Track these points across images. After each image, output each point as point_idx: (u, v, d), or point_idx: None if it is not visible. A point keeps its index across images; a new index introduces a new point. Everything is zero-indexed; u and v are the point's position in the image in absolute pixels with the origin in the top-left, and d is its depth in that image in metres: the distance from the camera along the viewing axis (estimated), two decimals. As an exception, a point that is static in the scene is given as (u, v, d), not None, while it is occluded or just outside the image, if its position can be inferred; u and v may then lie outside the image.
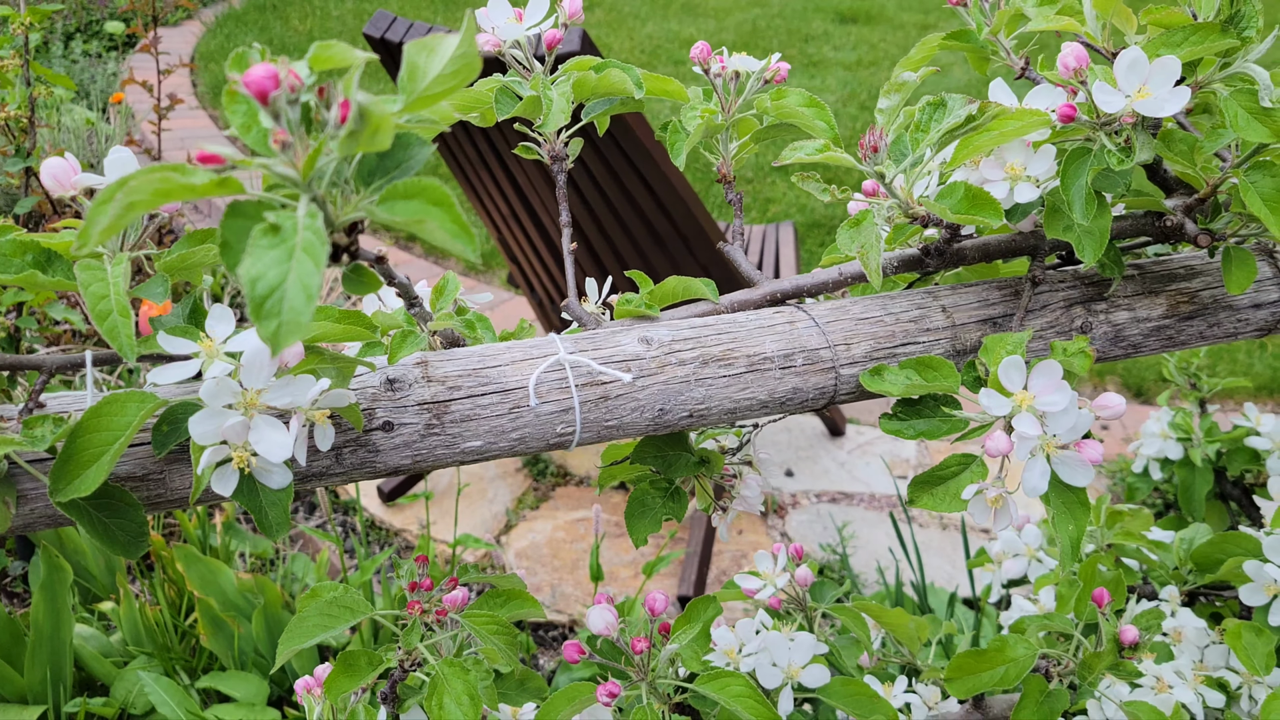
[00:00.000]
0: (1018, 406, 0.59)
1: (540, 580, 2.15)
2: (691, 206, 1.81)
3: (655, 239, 1.93)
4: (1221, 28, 0.59)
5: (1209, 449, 1.14)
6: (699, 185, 4.07)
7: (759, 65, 0.69)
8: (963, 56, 0.76)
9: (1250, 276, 0.68)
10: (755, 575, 0.90)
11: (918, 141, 0.57)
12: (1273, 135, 0.59)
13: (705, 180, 4.06)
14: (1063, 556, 0.61)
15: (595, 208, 1.92)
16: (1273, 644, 0.86)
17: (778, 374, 0.65)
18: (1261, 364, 2.98)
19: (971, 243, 0.69)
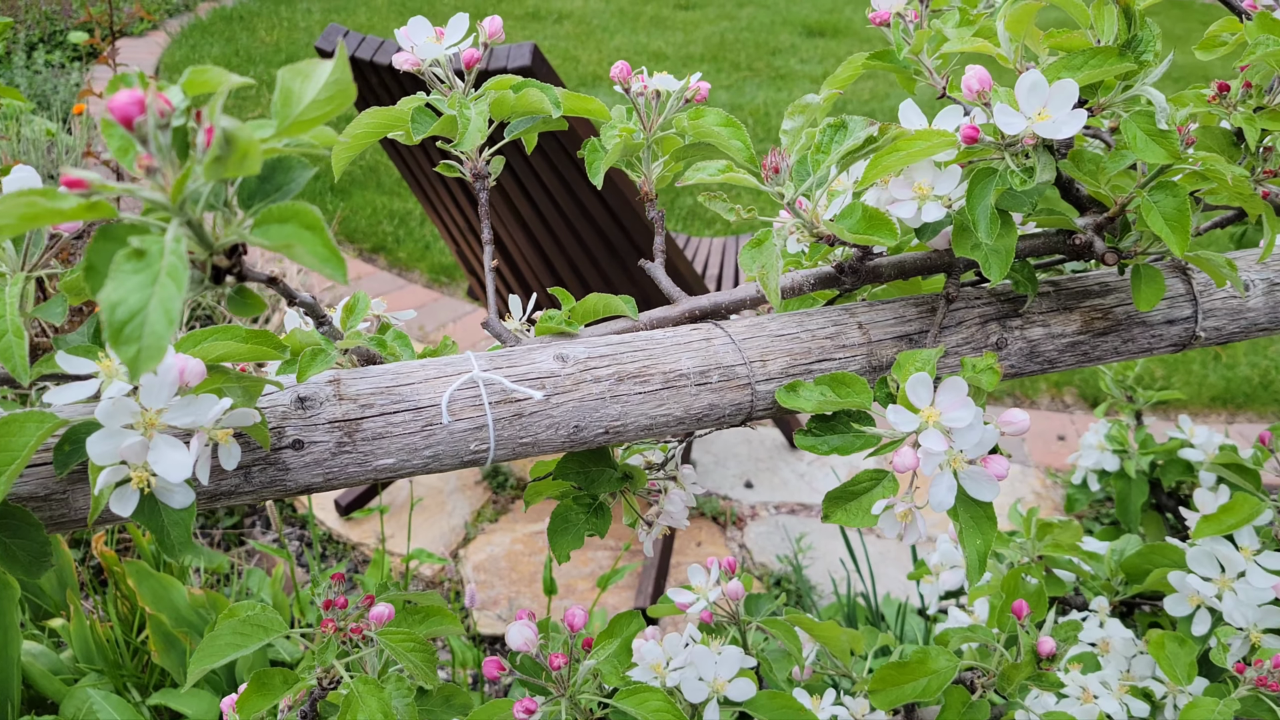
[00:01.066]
0: (925, 423, 0.60)
1: (498, 593, 2.15)
2: (644, 219, 1.82)
3: (610, 251, 1.93)
4: (1120, 51, 0.60)
5: (1143, 461, 1.16)
6: (662, 197, 4.08)
7: (679, 85, 0.70)
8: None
9: (1159, 293, 0.70)
10: (689, 589, 0.91)
11: (819, 163, 0.58)
12: (1170, 156, 0.60)
13: (670, 192, 4.08)
14: (969, 570, 0.62)
15: (550, 221, 1.93)
16: (1195, 654, 0.88)
17: (694, 390, 0.65)
18: (1215, 375, 3.02)
19: (887, 260, 0.70)
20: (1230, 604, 0.88)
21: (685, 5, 7.23)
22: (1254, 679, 0.82)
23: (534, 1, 7.05)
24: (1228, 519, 0.89)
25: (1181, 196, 0.63)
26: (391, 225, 3.75)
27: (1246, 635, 0.88)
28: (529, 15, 6.75)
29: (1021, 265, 0.72)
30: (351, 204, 3.90)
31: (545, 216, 1.92)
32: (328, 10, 6.54)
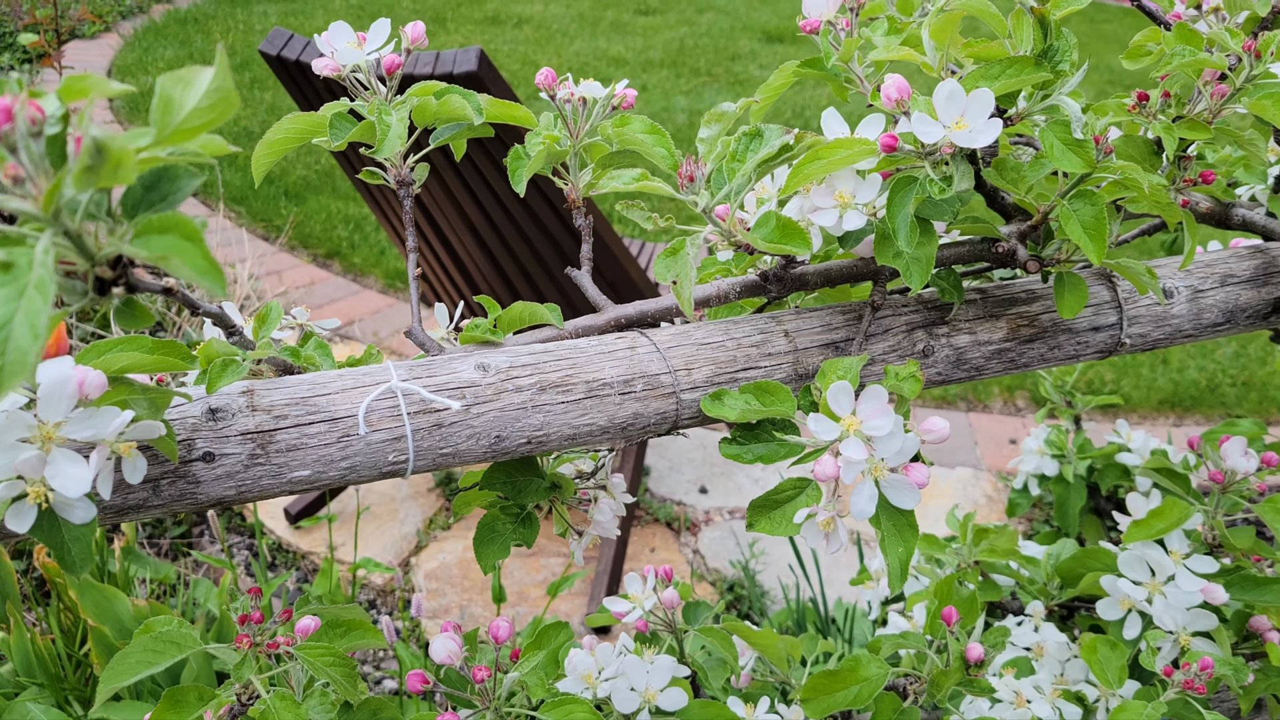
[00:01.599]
0: (846, 431, 0.60)
1: (449, 601, 2.13)
2: (597, 226, 1.81)
3: (563, 258, 1.92)
4: (1036, 61, 0.61)
5: (1081, 465, 1.17)
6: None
7: (605, 92, 0.70)
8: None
9: (1081, 301, 0.70)
10: (626, 598, 0.90)
11: (733, 171, 0.58)
12: (1085, 165, 0.61)
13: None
14: (891, 578, 0.62)
15: (501, 227, 1.92)
16: (1126, 657, 0.88)
17: (617, 400, 0.65)
18: (1163, 378, 3.06)
19: (813, 268, 0.70)
20: (1160, 607, 0.89)
21: (645, 10, 7.24)
22: (1181, 682, 0.83)
23: (494, 6, 7.03)
24: (1157, 523, 0.89)
25: (1099, 205, 0.63)
26: (346, 230, 3.71)
27: (1176, 638, 0.89)
28: (488, 20, 6.73)
29: (947, 273, 0.72)
30: (306, 209, 3.86)
31: (496, 223, 1.91)
32: (285, 14, 6.49)
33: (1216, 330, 0.81)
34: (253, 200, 3.86)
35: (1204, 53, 0.67)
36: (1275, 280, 0.83)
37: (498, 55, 5.96)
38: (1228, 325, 0.81)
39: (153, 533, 2.35)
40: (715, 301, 0.69)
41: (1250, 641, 0.96)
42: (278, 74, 1.85)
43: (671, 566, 0.91)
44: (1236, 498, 0.91)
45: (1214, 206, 0.82)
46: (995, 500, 2.49)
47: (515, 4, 7.15)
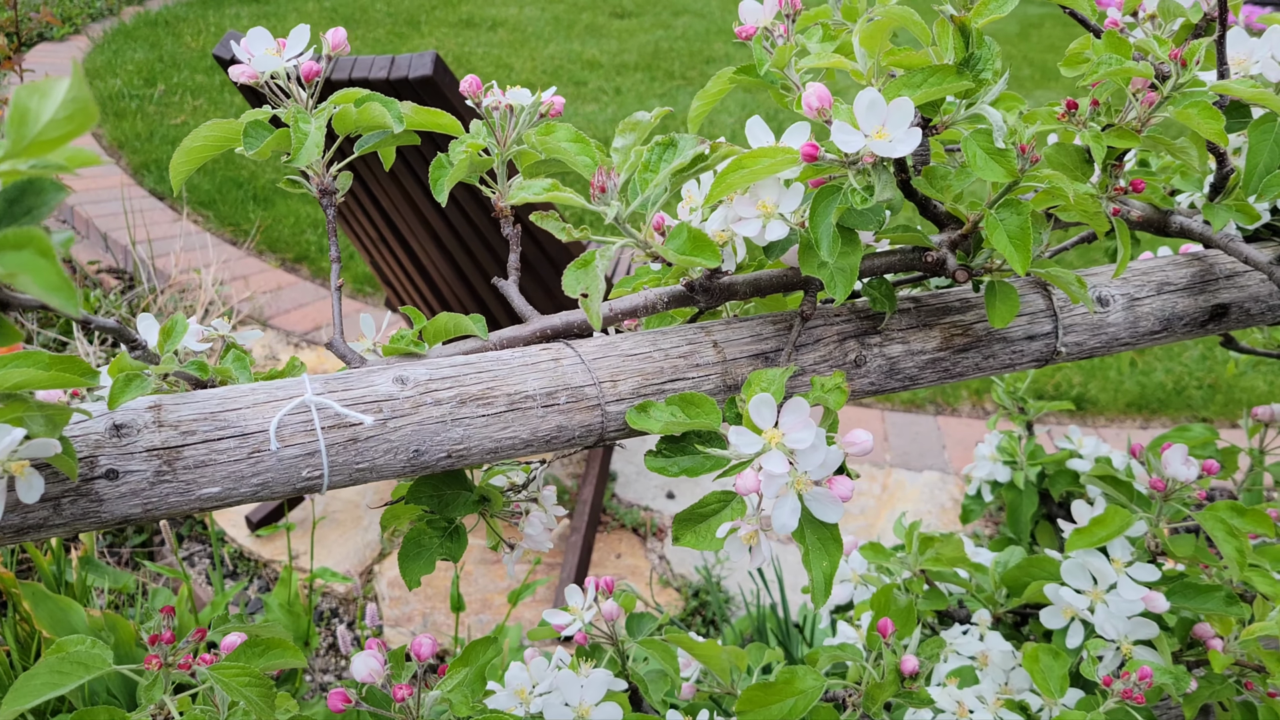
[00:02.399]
0: (768, 444, 0.60)
1: (412, 610, 2.11)
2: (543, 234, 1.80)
3: (523, 263, 1.91)
4: (957, 70, 0.60)
5: (1032, 472, 1.17)
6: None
7: (531, 99, 0.69)
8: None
9: (1013, 310, 0.70)
10: (566, 611, 0.89)
11: (646, 181, 0.57)
12: (1008, 174, 0.60)
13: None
14: (815, 592, 0.61)
15: (463, 234, 1.91)
16: (1068, 666, 0.88)
17: (540, 412, 0.64)
18: (1131, 381, 3.08)
19: (742, 278, 0.69)
20: (1102, 616, 0.89)
21: (621, 13, 7.23)
22: (1120, 691, 0.82)
23: (468, 9, 7.01)
24: (1099, 531, 0.89)
25: (1025, 214, 0.63)
26: (315, 235, 3.69)
27: (1118, 647, 0.89)
28: (462, 23, 6.71)
29: (879, 282, 0.72)
30: (275, 213, 3.83)
31: (456, 228, 1.90)
32: (256, 16, 6.44)
33: (1154, 338, 0.81)
34: (221, 204, 3.83)
35: (1131, 61, 0.66)
36: (1212, 288, 0.82)
37: (471, 58, 5.94)
38: (1165, 333, 0.81)
39: (113, 542, 2.32)
40: (642, 312, 0.68)
41: (1195, 649, 0.96)
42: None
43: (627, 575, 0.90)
44: (1179, 505, 0.91)
45: (1152, 214, 0.82)
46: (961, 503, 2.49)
47: (490, 7, 7.13)
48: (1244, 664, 0.92)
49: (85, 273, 3.31)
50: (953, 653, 0.96)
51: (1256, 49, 0.82)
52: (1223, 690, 0.94)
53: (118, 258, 3.40)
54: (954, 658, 0.96)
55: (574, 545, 2.13)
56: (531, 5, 7.25)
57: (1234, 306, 0.83)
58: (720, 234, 0.64)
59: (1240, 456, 1.30)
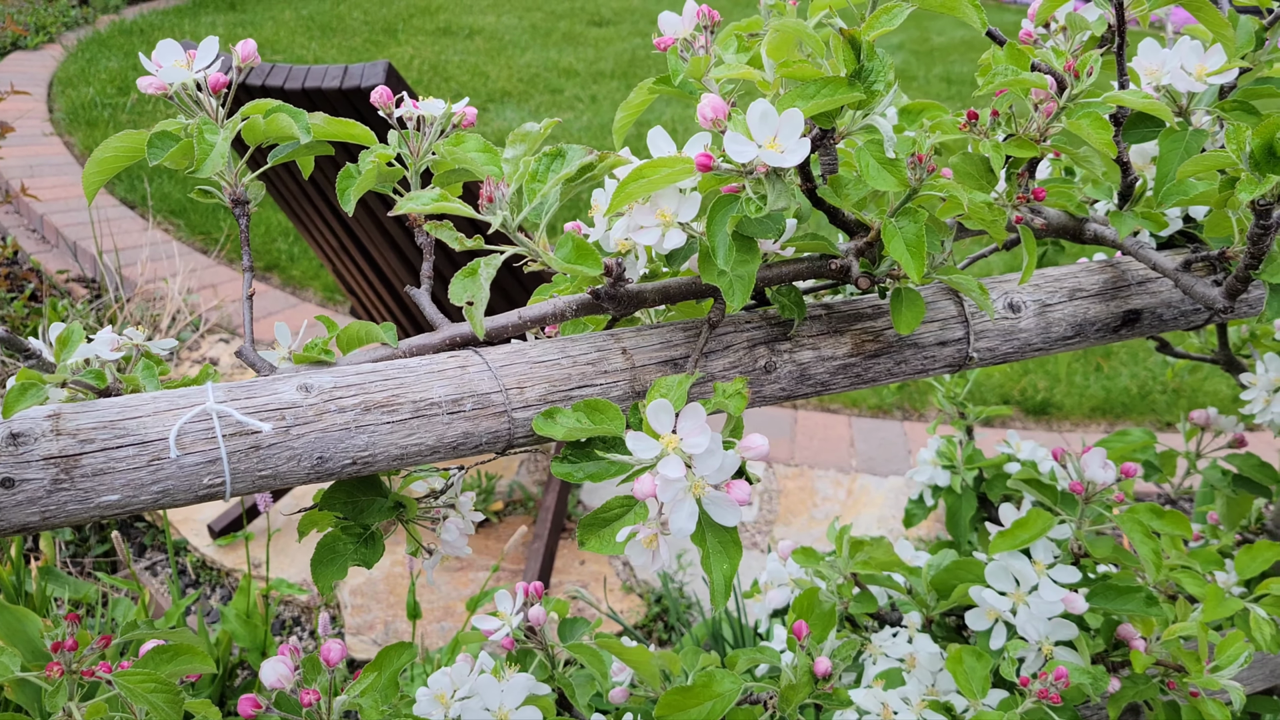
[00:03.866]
0: (665, 449, 0.60)
1: (374, 617, 2.11)
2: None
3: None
4: (849, 81, 0.61)
5: (969, 476, 1.18)
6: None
7: (442, 109, 0.70)
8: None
9: (918, 316, 0.71)
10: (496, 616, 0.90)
11: (534, 192, 0.58)
12: (898, 184, 0.61)
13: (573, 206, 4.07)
14: (714, 595, 0.62)
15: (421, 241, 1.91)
16: (990, 667, 0.89)
17: (446, 419, 0.65)
18: (1096, 386, 3.10)
19: (651, 285, 0.70)
20: (1024, 617, 0.90)
21: (598, 22, 7.25)
22: (1037, 691, 0.83)
23: (446, 17, 7.02)
24: (1021, 534, 0.90)
25: (920, 223, 0.64)
26: (286, 242, 3.69)
27: (1039, 648, 0.90)
28: (440, 31, 6.72)
29: (788, 290, 0.73)
30: (246, 221, 3.82)
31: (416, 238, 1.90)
32: (232, 24, 6.44)
33: (1066, 344, 0.82)
34: (191, 213, 3.82)
35: (1027, 72, 0.68)
36: (1124, 294, 0.84)
37: (448, 66, 5.95)
38: (1077, 339, 0.83)
39: (75, 552, 2.31)
40: (551, 319, 0.69)
41: (1121, 650, 0.97)
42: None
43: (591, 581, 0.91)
44: (1100, 508, 0.92)
45: (1068, 222, 0.83)
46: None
47: (468, 15, 7.14)
48: (1165, 664, 0.93)
49: (54, 282, 3.30)
50: (881, 655, 0.97)
51: (1168, 59, 0.83)
52: (1146, 690, 0.95)
53: (85, 267, 3.39)
54: (883, 660, 0.97)
55: (536, 552, 2.13)
56: (509, 13, 7.27)
57: (1146, 312, 0.84)
58: (622, 242, 0.65)
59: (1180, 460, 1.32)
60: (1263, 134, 0.62)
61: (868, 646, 0.98)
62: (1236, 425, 1.25)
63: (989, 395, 3.03)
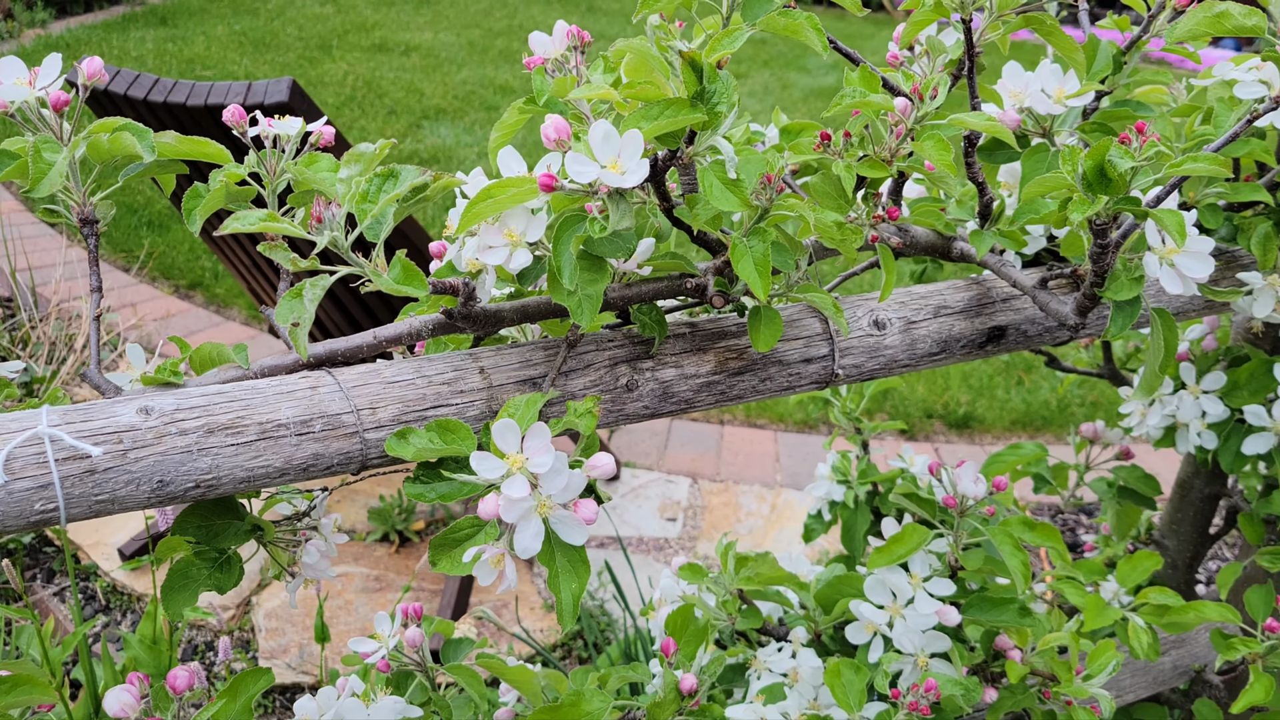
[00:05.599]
0: (510, 469, 0.60)
1: (289, 641, 2.08)
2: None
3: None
4: (691, 103, 0.62)
5: (862, 490, 1.19)
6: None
7: (297, 128, 0.69)
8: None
9: (776, 334, 0.72)
10: (374, 638, 0.89)
11: (365, 212, 0.58)
12: (741, 204, 0.62)
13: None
14: (562, 614, 0.62)
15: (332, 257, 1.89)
16: (868, 680, 0.90)
17: (294, 441, 0.64)
18: (1017, 399, 3.15)
19: (509, 305, 0.70)
20: (900, 630, 0.91)
21: (535, 39, 7.25)
22: (908, 704, 0.84)
23: (381, 34, 6.98)
24: (898, 548, 0.92)
25: (767, 242, 0.65)
26: (210, 260, 3.63)
27: (915, 660, 0.91)
28: (375, 47, 6.68)
29: (649, 308, 0.73)
30: (170, 239, 3.77)
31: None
32: (162, 40, 6.35)
33: (932, 360, 0.84)
34: (112, 230, 3.75)
35: (874, 95, 0.69)
36: (989, 310, 0.85)
37: (383, 83, 5.92)
38: (943, 355, 0.84)
39: (-20, 578, 2.25)
40: (407, 339, 0.68)
41: (1001, 660, 0.99)
42: (91, 106, 1.80)
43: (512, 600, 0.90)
44: (975, 522, 0.94)
45: (936, 240, 0.85)
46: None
47: (404, 31, 7.11)
48: (1040, 674, 0.95)
49: (-35, 301, 3.22)
50: (766, 670, 0.98)
51: (1030, 82, 0.86)
52: (1024, 699, 0.96)
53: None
54: (767, 675, 0.97)
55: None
56: (446, 30, 7.25)
57: (1011, 328, 0.86)
58: (472, 262, 0.65)
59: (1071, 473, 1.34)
60: (1094, 156, 0.64)
61: (753, 662, 0.99)
62: (1123, 438, 1.27)
63: (913, 409, 3.07)
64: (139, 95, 1.67)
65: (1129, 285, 0.71)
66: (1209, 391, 1.07)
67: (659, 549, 2.45)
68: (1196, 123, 0.88)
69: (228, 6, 7.37)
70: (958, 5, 0.71)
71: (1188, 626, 1.05)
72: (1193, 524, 1.29)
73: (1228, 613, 1.04)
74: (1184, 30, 0.73)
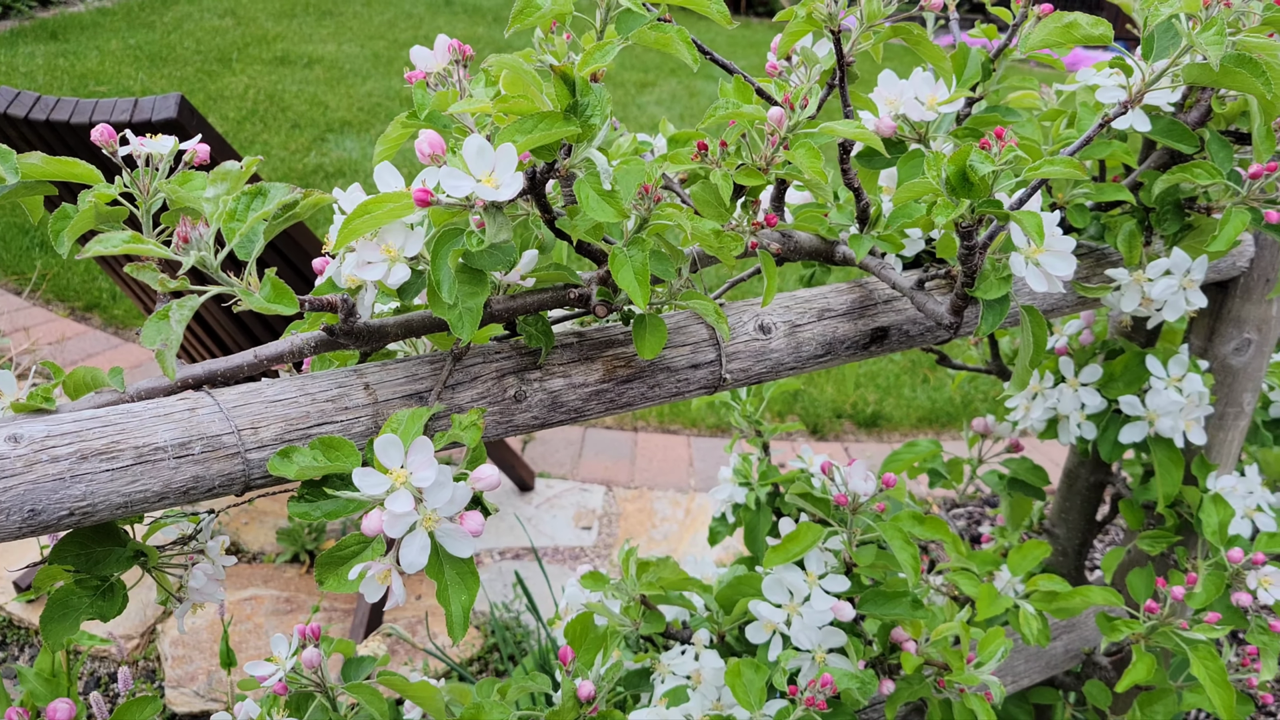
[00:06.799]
0: (394, 484, 0.60)
1: (197, 668, 2.03)
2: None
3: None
4: (565, 116, 0.63)
5: (762, 491, 1.21)
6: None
7: (169, 147, 0.68)
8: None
9: (660, 341, 0.73)
10: (270, 661, 0.88)
11: (232, 231, 0.57)
12: (617, 215, 0.63)
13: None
14: (452, 627, 0.62)
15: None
16: (766, 678, 0.91)
17: (173, 464, 0.63)
18: (923, 397, 3.23)
19: (393, 320, 0.70)
20: (798, 627, 0.93)
21: (442, 50, 7.20)
22: (805, 700, 0.86)
23: (283, 46, 6.86)
24: (793, 547, 0.93)
25: (646, 251, 0.66)
26: (107, 282, 3.53)
27: (813, 657, 0.93)
28: (277, 60, 6.57)
29: (535, 319, 0.74)
30: (64, 260, 3.65)
31: (224, 271, 1.85)
32: (53, 55, 6.15)
33: (818, 362, 0.86)
34: (1, 251, 3.63)
35: (746, 105, 0.70)
36: (871, 312, 0.88)
37: (285, 96, 5.82)
38: (828, 356, 0.86)
39: None
40: (289, 358, 0.68)
41: (897, 652, 1.01)
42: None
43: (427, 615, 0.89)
44: (867, 518, 0.96)
45: (820, 245, 0.87)
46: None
47: (306, 44, 7.00)
48: (934, 664, 0.98)
49: None
50: (670, 673, 0.99)
51: (904, 90, 0.88)
52: (920, 689, 0.99)
53: (-118, 312, 3.18)
54: (671, 678, 0.98)
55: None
56: (350, 42, 7.16)
57: (893, 329, 0.88)
58: (351, 278, 0.65)
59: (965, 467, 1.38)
60: (956, 161, 0.66)
61: (657, 666, 1.00)
62: (1012, 431, 1.32)
63: (822, 410, 3.13)
64: (19, 114, 1.62)
65: (997, 284, 0.74)
66: (1087, 384, 1.12)
67: (575, 558, 2.45)
68: (1062, 126, 0.92)
69: (122, 20, 7.17)
70: (825, 17, 0.73)
71: (1075, 611, 1.09)
72: (1080, 512, 1.33)
73: (1112, 596, 1.08)
74: (1037, 39, 0.76)
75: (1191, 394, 1.07)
